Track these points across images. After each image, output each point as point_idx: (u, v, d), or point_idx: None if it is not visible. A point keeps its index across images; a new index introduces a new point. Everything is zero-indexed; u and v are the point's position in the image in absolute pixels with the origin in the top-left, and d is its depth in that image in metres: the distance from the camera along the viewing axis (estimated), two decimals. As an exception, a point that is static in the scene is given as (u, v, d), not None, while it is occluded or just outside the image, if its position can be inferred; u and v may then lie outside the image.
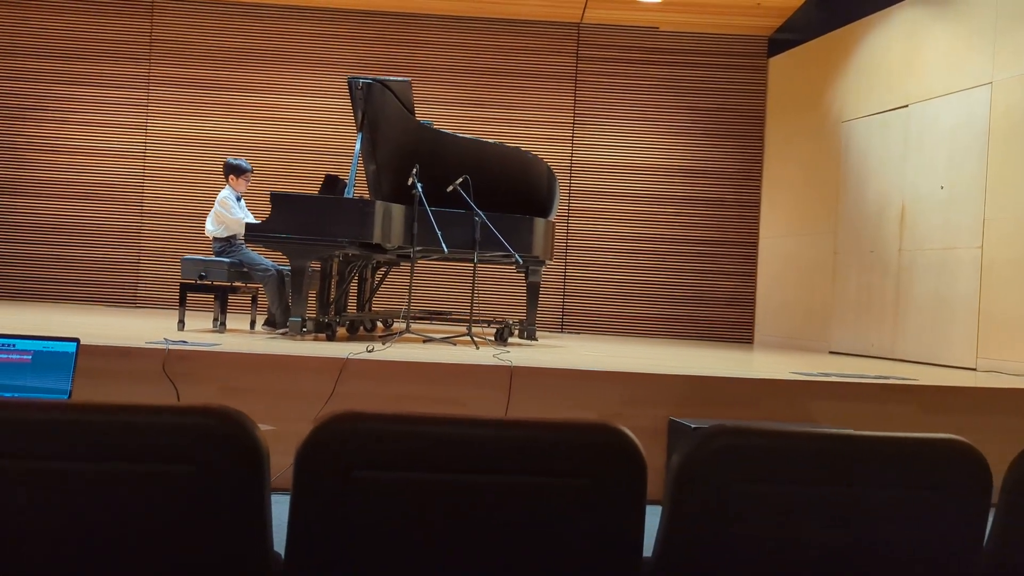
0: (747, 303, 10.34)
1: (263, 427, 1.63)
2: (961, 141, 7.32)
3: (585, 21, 10.31)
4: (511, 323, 7.29)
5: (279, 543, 1.61)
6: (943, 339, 7.36)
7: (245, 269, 6.72)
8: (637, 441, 1.59)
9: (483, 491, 1.57)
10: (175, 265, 8.11)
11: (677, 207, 10.40)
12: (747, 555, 1.64)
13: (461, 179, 6.55)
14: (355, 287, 7.77)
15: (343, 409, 1.57)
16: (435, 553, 1.58)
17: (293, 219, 6.19)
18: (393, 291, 9.29)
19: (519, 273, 7.79)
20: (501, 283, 10.10)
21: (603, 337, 9.76)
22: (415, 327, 6.73)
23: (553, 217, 7.43)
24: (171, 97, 10.31)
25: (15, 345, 3.18)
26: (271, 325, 6.78)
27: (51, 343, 3.20)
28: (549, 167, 7.54)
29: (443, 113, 9.77)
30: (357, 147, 6.75)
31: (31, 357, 3.18)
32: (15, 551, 1.51)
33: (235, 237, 6.78)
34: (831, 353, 8.61)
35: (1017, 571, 1.69)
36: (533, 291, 7.42)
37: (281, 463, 1.82)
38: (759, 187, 10.36)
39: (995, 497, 1.70)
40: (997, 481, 1.67)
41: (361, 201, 6.55)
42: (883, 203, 8.22)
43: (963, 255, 7.20)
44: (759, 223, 10.34)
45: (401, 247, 6.62)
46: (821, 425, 4.84)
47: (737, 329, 10.32)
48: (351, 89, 6.81)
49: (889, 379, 5.39)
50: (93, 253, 10.25)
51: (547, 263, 7.46)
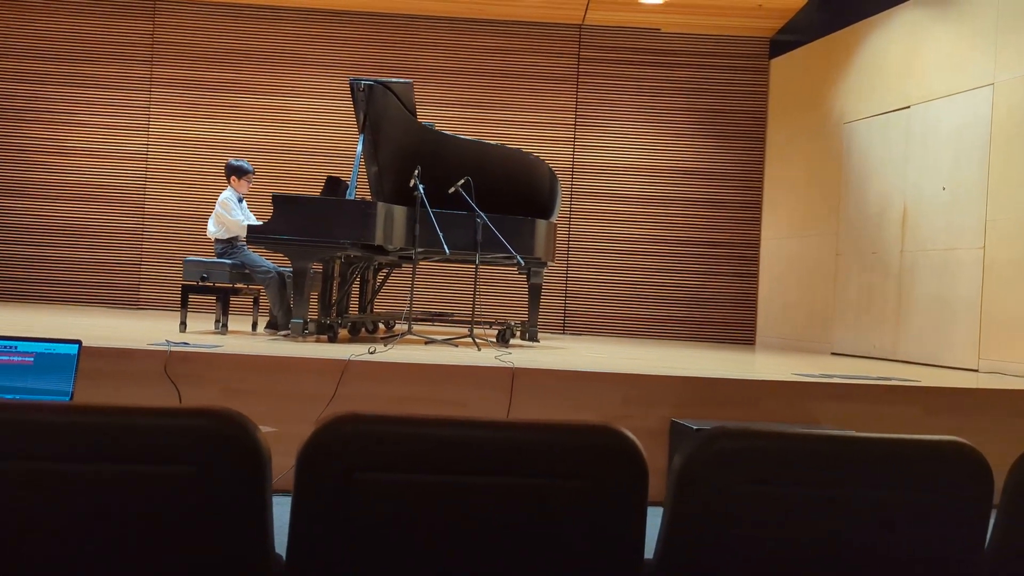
0: (749, 304, 10.34)
1: (265, 429, 1.63)
2: (963, 142, 7.31)
3: (587, 23, 10.31)
4: (513, 325, 7.29)
5: (280, 545, 1.61)
6: (945, 340, 7.35)
7: (247, 271, 6.72)
8: (638, 443, 1.59)
9: (484, 493, 1.57)
10: (177, 267, 8.12)
11: (678, 208, 10.40)
12: (749, 557, 1.64)
13: (463, 180, 6.55)
14: (357, 289, 7.78)
15: (345, 411, 1.57)
16: (436, 555, 1.58)
17: (295, 221, 6.20)
18: (395, 293, 9.29)
19: (521, 275, 7.80)
20: (503, 285, 10.10)
21: (605, 338, 9.76)
22: (417, 329, 6.73)
23: (555, 218, 7.42)
24: (173, 99, 10.32)
25: (17, 347, 3.18)
26: (273, 327, 6.78)
27: (53, 345, 3.20)
28: (551, 168, 7.54)
29: (445, 114, 9.77)
30: (359, 149, 6.75)
31: (33, 359, 3.18)
32: (17, 552, 1.51)
33: (237, 239, 6.79)
34: (833, 354, 8.61)
35: (1018, 573, 1.69)
36: (535, 293, 7.42)
37: (283, 465, 1.82)
38: (761, 188, 10.36)
39: (996, 498, 1.70)
40: (999, 482, 1.67)
41: (363, 202, 6.55)
42: (885, 204, 8.21)
43: (965, 256, 7.19)
44: (760, 224, 10.34)
45: (403, 249, 6.62)
46: (823, 426, 4.83)
47: (739, 330, 10.31)
48: (353, 91, 6.81)
49: (891, 380, 5.39)
50: (95, 255, 10.26)
51: (549, 265, 7.46)
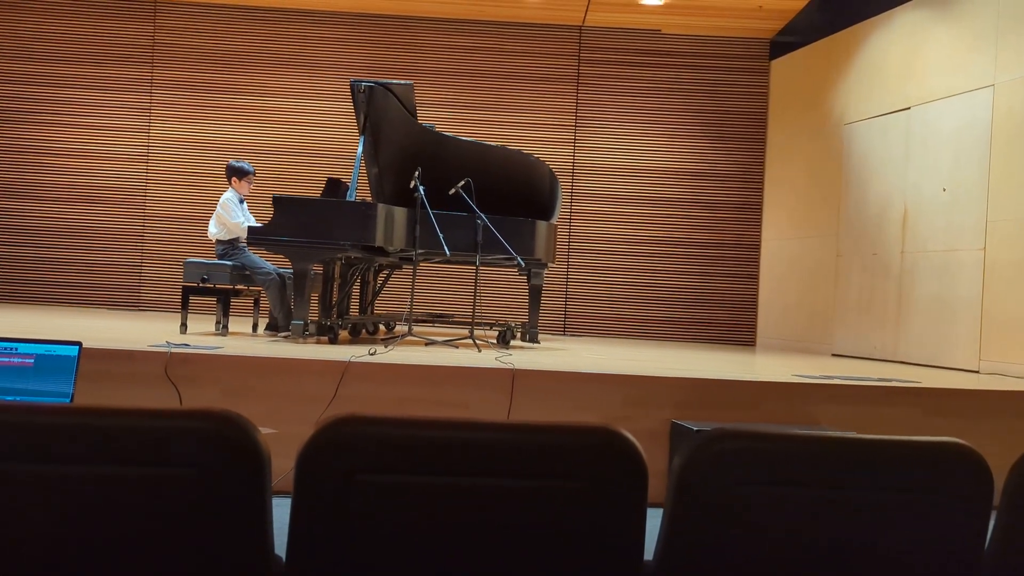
0: (749, 305, 10.34)
1: (265, 430, 1.63)
2: (963, 143, 7.31)
3: (587, 24, 10.32)
4: (513, 326, 7.29)
5: (280, 546, 1.61)
6: (946, 341, 7.35)
7: (247, 272, 6.73)
8: (638, 444, 1.59)
9: (484, 494, 1.57)
10: (178, 268, 8.12)
11: (679, 210, 10.40)
12: (749, 558, 1.64)
13: (463, 182, 6.55)
14: (357, 290, 7.78)
15: (345, 412, 1.57)
16: (436, 556, 1.58)
17: (295, 222, 6.20)
18: (395, 294, 9.29)
19: (521, 276, 7.79)
20: (503, 286, 10.10)
21: (605, 340, 9.76)
22: (417, 330, 6.73)
23: (555, 220, 7.42)
24: (174, 100, 10.33)
25: (17, 348, 3.18)
26: (273, 328, 6.78)
27: (53, 346, 3.20)
28: (551, 170, 7.54)
29: (445, 116, 9.78)
30: (359, 150, 6.75)
31: (33, 360, 3.18)
32: (17, 553, 1.51)
33: (238, 240, 6.79)
34: (833, 355, 8.61)
35: (1018, 574, 1.69)
36: (535, 294, 7.42)
37: (283, 466, 1.82)
38: (761, 189, 10.36)
39: (997, 500, 1.70)
40: (999, 483, 1.67)
41: (363, 204, 6.56)
42: (885, 205, 8.21)
43: (965, 257, 7.19)
44: (761, 226, 10.34)
45: (403, 250, 6.62)
46: (823, 428, 4.83)
47: (739, 331, 10.31)
48: (353, 92, 6.81)
49: (891, 382, 5.38)
50: (96, 256, 10.27)
51: (549, 266, 7.46)
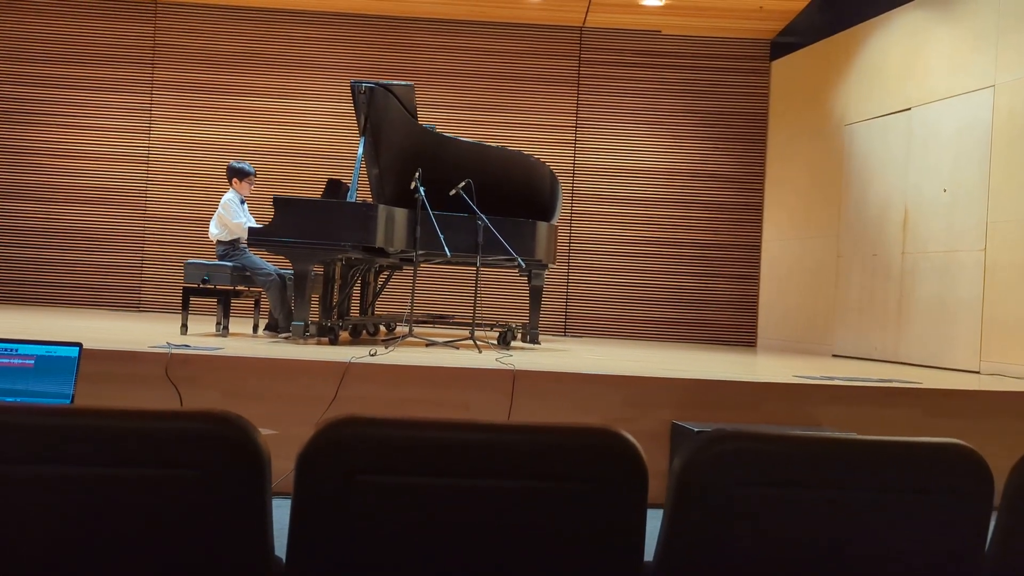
0: (750, 306, 10.34)
1: (265, 431, 1.63)
2: (964, 144, 7.31)
3: (588, 25, 10.32)
4: (514, 327, 7.28)
5: (280, 547, 1.61)
6: (946, 342, 7.34)
7: (248, 273, 6.73)
8: (638, 445, 1.59)
9: (484, 495, 1.57)
10: (178, 269, 8.12)
11: (680, 211, 10.40)
12: (749, 559, 1.64)
13: (464, 183, 6.55)
14: (358, 291, 7.78)
15: (345, 413, 1.57)
16: (437, 557, 1.58)
17: (296, 223, 6.20)
18: (396, 295, 9.29)
19: (522, 277, 7.79)
20: (504, 287, 10.10)
21: (606, 340, 9.76)
22: (418, 331, 6.73)
23: (556, 220, 7.42)
24: (174, 102, 10.33)
25: (17, 350, 3.18)
26: (272, 328, 6.78)
27: (53, 348, 3.19)
28: (551, 170, 7.54)
29: (446, 117, 9.78)
30: (360, 151, 6.76)
31: (33, 362, 3.18)
32: (17, 555, 1.51)
33: (239, 241, 6.79)
34: (834, 356, 8.61)
35: (1019, 575, 1.68)
36: (536, 295, 7.41)
37: (283, 467, 1.82)
38: (762, 190, 10.35)
39: (997, 500, 1.70)
40: (999, 484, 1.66)
41: (364, 205, 6.56)
42: (885, 206, 8.21)
43: (966, 258, 7.19)
44: (761, 226, 10.34)
45: (404, 251, 6.62)
46: (824, 429, 4.83)
47: (740, 332, 10.31)
48: (354, 93, 6.81)
49: (892, 383, 5.38)
50: (96, 257, 10.27)
51: (550, 266, 7.46)
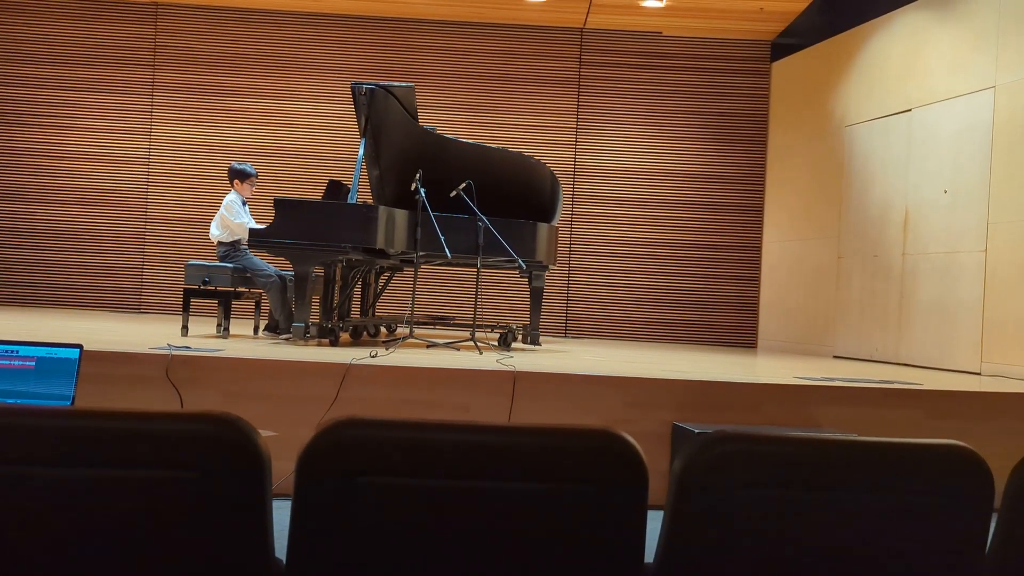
0: (751, 307, 10.34)
1: (265, 433, 1.63)
2: (964, 145, 7.31)
3: (588, 26, 10.32)
4: (515, 328, 7.28)
5: (280, 549, 1.61)
6: (947, 343, 7.34)
7: (248, 275, 6.73)
8: (638, 447, 1.59)
9: (485, 497, 1.57)
10: (179, 271, 8.13)
11: (680, 211, 10.40)
12: (749, 561, 1.64)
13: (464, 184, 6.55)
14: (358, 292, 7.78)
15: (346, 415, 1.57)
16: (437, 559, 1.58)
17: (297, 224, 6.20)
18: (396, 296, 9.29)
19: (523, 278, 7.79)
20: (504, 288, 10.10)
21: (607, 342, 9.76)
22: (418, 332, 6.73)
23: (556, 222, 7.42)
24: (175, 103, 10.34)
25: (18, 351, 3.18)
26: (273, 330, 6.79)
27: (54, 349, 3.20)
28: (552, 172, 7.54)
29: (446, 118, 9.78)
30: (360, 152, 6.75)
31: (34, 363, 3.18)
32: (18, 556, 1.51)
33: (239, 242, 6.80)
34: (835, 357, 8.60)
35: (1020, 577, 1.68)
36: (537, 296, 7.41)
37: (283, 469, 1.82)
38: (762, 191, 10.35)
39: (998, 502, 1.69)
40: (1000, 486, 1.66)
41: (364, 206, 6.56)
42: (886, 207, 8.21)
43: (967, 259, 7.18)
44: (762, 227, 10.33)
45: (404, 252, 6.62)
46: (825, 430, 4.83)
47: (741, 333, 10.30)
48: (355, 94, 6.81)
49: (893, 384, 5.38)
50: (97, 259, 10.27)
51: (550, 268, 7.46)
